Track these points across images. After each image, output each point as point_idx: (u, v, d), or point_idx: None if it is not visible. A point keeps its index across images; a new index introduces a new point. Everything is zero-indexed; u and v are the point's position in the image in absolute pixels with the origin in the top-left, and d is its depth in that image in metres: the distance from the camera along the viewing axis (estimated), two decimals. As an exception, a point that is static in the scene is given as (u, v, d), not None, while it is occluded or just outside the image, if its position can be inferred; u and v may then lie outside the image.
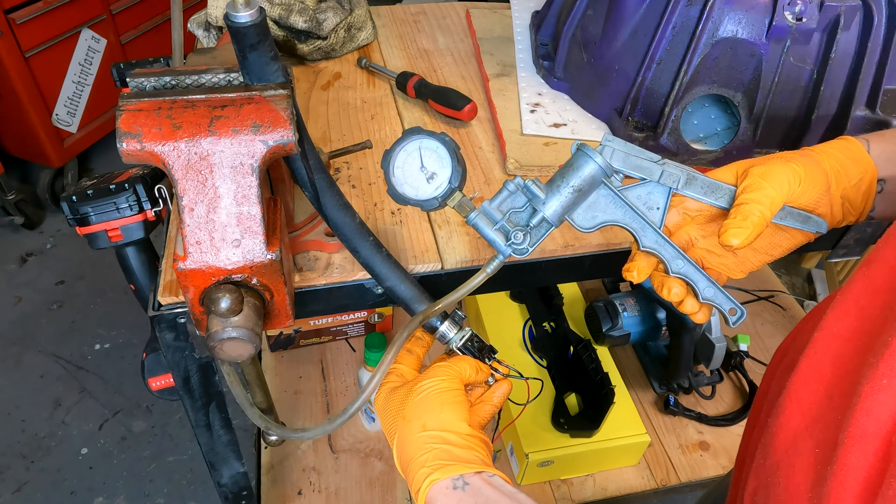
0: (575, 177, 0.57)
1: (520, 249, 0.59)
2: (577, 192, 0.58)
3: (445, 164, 0.60)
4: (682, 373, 1.46)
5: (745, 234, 0.54)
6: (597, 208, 0.59)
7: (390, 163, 0.61)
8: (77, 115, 2.23)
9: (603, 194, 0.59)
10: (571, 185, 0.57)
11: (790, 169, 0.57)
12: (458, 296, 0.61)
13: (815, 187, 0.57)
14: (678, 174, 0.59)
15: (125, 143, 0.50)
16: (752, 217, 0.54)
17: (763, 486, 0.47)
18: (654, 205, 0.59)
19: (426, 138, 0.60)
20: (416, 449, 0.55)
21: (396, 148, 0.61)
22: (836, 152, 0.60)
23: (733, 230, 0.54)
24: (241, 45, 0.52)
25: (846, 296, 0.45)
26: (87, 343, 1.88)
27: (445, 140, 0.60)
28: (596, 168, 0.57)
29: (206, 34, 1.06)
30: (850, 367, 0.41)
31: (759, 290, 1.80)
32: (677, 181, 0.59)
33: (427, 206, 0.61)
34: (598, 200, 0.59)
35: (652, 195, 0.59)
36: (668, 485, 1.40)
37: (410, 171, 0.61)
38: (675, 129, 0.87)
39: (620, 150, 0.58)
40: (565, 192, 0.57)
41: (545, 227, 0.59)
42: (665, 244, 0.59)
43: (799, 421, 0.44)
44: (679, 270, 0.59)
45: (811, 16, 0.78)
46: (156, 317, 0.68)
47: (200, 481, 1.60)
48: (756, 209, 0.55)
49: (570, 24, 0.97)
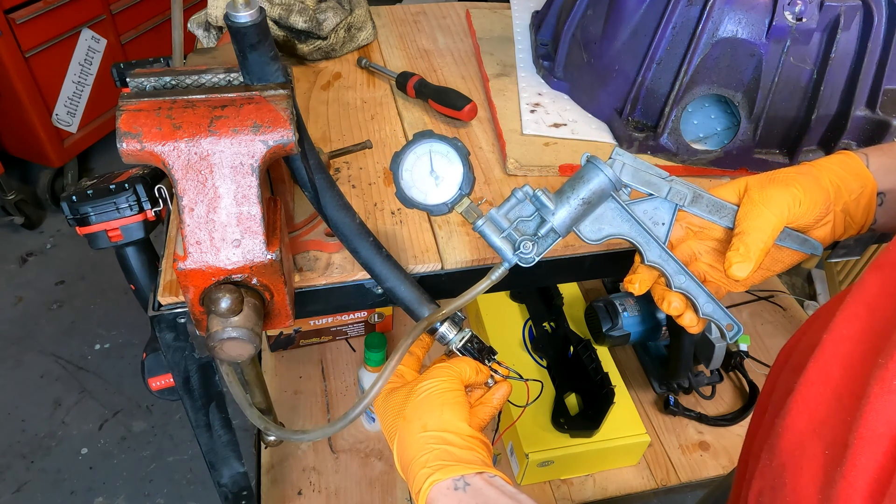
0: (585, 189, 0.58)
1: (526, 259, 0.59)
2: (586, 203, 0.58)
3: (456, 169, 0.60)
4: (682, 373, 1.46)
5: (750, 267, 0.56)
6: (603, 220, 0.59)
7: (399, 165, 0.61)
8: (77, 115, 2.23)
9: (610, 207, 0.59)
10: (581, 197, 0.58)
11: (790, 193, 0.58)
12: (462, 302, 0.61)
13: (816, 207, 0.58)
14: (685, 192, 0.59)
15: (125, 143, 0.50)
16: (754, 248, 0.56)
17: (769, 488, 0.46)
18: (660, 220, 0.60)
19: (437, 142, 0.60)
20: (416, 449, 0.55)
21: (406, 151, 0.60)
22: (836, 167, 0.61)
23: (737, 265, 0.56)
24: (241, 45, 0.52)
25: (856, 298, 0.45)
26: (87, 343, 1.88)
27: (457, 145, 0.60)
28: (606, 181, 0.57)
29: (206, 34, 1.06)
30: (859, 369, 0.41)
31: (759, 290, 1.81)
32: (684, 198, 0.60)
33: (436, 212, 0.61)
34: (606, 213, 0.59)
35: (658, 211, 0.60)
36: (668, 485, 1.40)
37: (420, 175, 0.61)
38: (675, 129, 0.87)
39: (630, 165, 0.58)
40: (574, 203, 0.58)
41: (552, 238, 0.59)
42: (669, 259, 0.60)
43: (806, 422, 0.44)
44: (681, 286, 0.60)
45: (811, 16, 0.78)
46: (156, 317, 0.68)
47: (200, 481, 1.60)
48: (757, 238, 0.56)
49: (570, 24, 0.97)
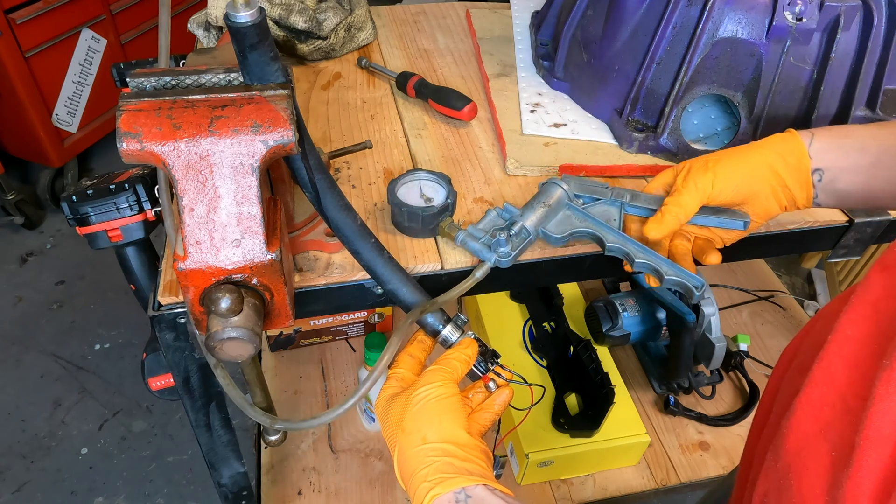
0: (546, 197, 0.73)
1: (503, 253, 0.69)
2: (547, 207, 0.72)
3: (440, 193, 0.77)
4: (682, 373, 1.46)
5: (662, 233, 0.69)
6: (565, 223, 0.73)
7: (395, 192, 0.76)
8: (77, 115, 2.23)
9: (568, 213, 0.73)
10: (542, 203, 0.72)
11: (706, 178, 0.68)
12: (452, 295, 0.67)
13: (730, 188, 0.68)
14: (624, 192, 0.74)
15: (125, 143, 0.50)
16: (667, 218, 0.69)
17: (774, 489, 0.46)
18: (612, 217, 0.73)
19: (424, 174, 0.78)
20: (416, 463, 0.54)
21: (399, 181, 0.77)
22: (772, 147, 0.69)
23: (651, 225, 0.69)
24: (241, 45, 0.52)
25: (862, 298, 0.45)
26: (87, 343, 1.88)
27: (441, 176, 0.78)
28: (560, 191, 0.73)
29: (206, 34, 1.06)
30: (864, 370, 0.41)
31: (759, 290, 1.81)
32: (624, 197, 0.74)
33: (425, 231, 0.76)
34: (565, 218, 0.73)
35: (608, 210, 0.74)
36: (668, 485, 1.40)
37: (411, 198, 0.76)
38: (675, 129, 0.87)
39: (576, 182, 0.75)
40: (539, 208, 0.72)
41: (524, 234, 0.70)
42: (626, 241, 0.70)
43: (811, 423, 0.44)
44: (643, 259, 0.69)
45: (811, 16, 0.78)
46: (156, 317, 0.68)
47: (200, 481, 1.60)
48: (672, 212, 0.69)
49: (570, 24, 0.97)
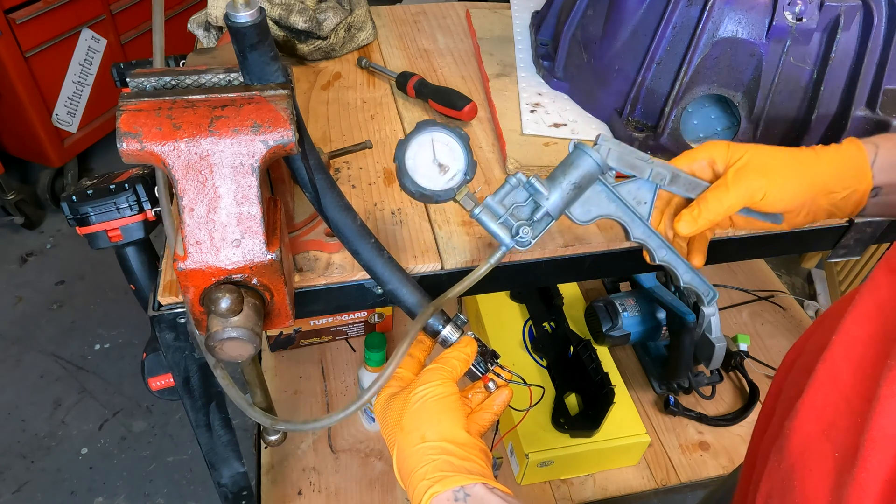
0: (575, 173, 0.61)
1: (523, 242, 0.61)
2: (576, 187, 0.61)
3: (458, 156, 0.61)
4: (682, 373, 1.46)
5: (692, 229, 0.62)
6: (591, 203, 0.63)
7: (403, 153, 0.61)
8: (77, 115, 2.23)
9: (598, 190, 0.63)
10: (572, 182, 0.61)
11: (759, 184, 0.61)
12: (463, 287, 0.63)
13: (781, 202, 0.61)
14: (664, 173, 0.64)
15: (125, 143, 0.50)
16: (704, 216, 0.62)
17: (778, 490, 0.46)
18: (643, 199, 0.65)
19: (439, 131, 0.61)
20: (415, 461, 0.54)
21: (410, 139, 0.61)
22: (836, 161, 0.62)
23: (684, 222, 0.62)
24: (241, 45, 0.52)
25: (867, 299, 0.45)
26: (87, 343, 1.88)
27: (459, 133, 0.61)
28: (593, 165, 0.61)
29: (206, 34, 1.06)
30: (868, 371, 0.41)
31: (759, 290, 1.80)
32: (664, 179, 0.64)
33: (441, 197, 0.62)
34: (593, 196, 0.63)
35: (640, 191, 0.65)
36: (668, 485, 1.40)
37: (423, 163, 0.61)
38: (675, 129, 0.87)
39: (615, 149, 0.62)
40: (566, 188, 0.61)
41: (546, 221, 0.62)
42: (652, 235, 0.65)
43: (815, 424, 0.44)
44: (663, 258, 0.65)
45: (811, 16, 0.78)
46: (156, 317, 0.68)
47: (200, 481, 1.60)
48: (712, 210, 0.61)
49: (570, 24, 0.97)
